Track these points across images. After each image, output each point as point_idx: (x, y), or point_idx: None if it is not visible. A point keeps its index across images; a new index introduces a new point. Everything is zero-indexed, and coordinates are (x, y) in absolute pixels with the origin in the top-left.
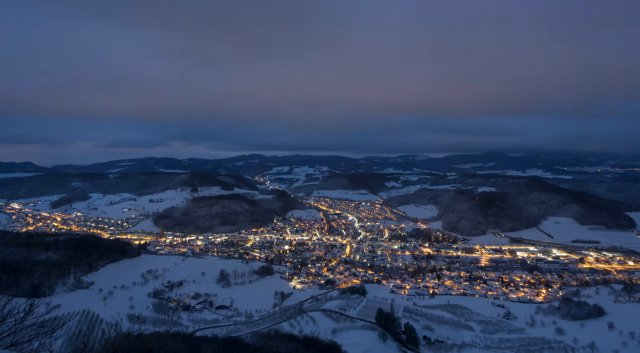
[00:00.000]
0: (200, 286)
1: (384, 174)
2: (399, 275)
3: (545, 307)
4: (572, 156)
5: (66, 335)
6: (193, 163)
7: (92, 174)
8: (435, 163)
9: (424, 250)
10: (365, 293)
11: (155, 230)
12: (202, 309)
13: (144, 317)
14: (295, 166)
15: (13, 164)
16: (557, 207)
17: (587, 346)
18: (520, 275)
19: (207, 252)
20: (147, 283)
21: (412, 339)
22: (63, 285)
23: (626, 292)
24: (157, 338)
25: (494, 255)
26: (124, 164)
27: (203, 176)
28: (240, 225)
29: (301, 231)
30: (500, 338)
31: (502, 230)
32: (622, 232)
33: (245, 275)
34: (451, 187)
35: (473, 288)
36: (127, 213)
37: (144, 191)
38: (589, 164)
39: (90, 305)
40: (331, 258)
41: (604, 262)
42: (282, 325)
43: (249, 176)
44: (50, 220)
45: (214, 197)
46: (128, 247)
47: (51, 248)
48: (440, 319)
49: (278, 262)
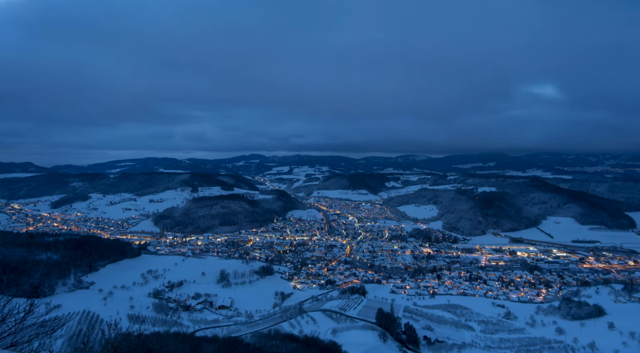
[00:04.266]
0: (200, 286)
1: (384, 173)
2: (399, 275)
3: (545, 307)
4: (572, 156)
5: (66, 335)
6: (193, 163)
7: (92, 174)
8: (435, 163)
9: (424, 250)
10: (365, 293)
11: (155, 230)
12: (203, 309)
13: (144, 317)
14: (295, 166)
15: (13, 164)
16: (557, 207)
17: (588, 346)
18: (521, 275)
19: (207, 252)
20: (148, 283)
21: (412, 339)
22: (63, 285)
23: (626, 291)
24: (158, 338)
25: (494, 255)
26: (124, 164)
27: (203, 176)
28: (240, 225)
29: (301, 231)
30: (500, 338)
31: (502, 230)
32: (623, 231)
33: (245, 275)
34: (451, 187)
35: (473, 288)
36: (127, 213)
37: (144, 191)
38: (589, 164)
39: (91, 305)
40: (331, 259)
41: (604, 262)
42: (282, 325)
43: (249, 176)
44: (50, 221)
45: (214, 197)
46: (128, 247)
47: (51, 249)
48: (441, 319)
49: (278, 262)
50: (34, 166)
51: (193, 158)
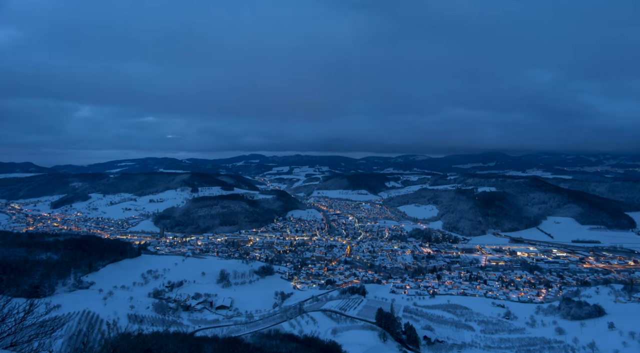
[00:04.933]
0: (200, 286)
1: (384, 173)
2: (399, 275)
3: (545, 307)
4: (572, 156)
5: (66, 335)
6: (193, 163)
7: (92, 174)
8: (435, 163)
9: (424, 250)
10: (365, 293)
11: (155, 230)
12: (203, 309)
13: (144, 317)
14: (295, 166)
15: (13, 164)
16: (557, 207)
17: (588, 346)
18: (521, 275)
19: (207, 252)
20: (148, 283)
21: (412, 339)
22: (63, 285)
23: (626, 291)
24: (157, 338)
25: (494, 255)
26: (124, 164)
27: (203, 176)
28: (240, 225)
29: (301, 231)
30: (500, 338)
31: (502, 230)
32: (623, 231)
33: (245, 275)
34: (451, 187)
35: (473, 288)
36: (127, 213)
37: (144, 191)
38: (589, 164)
39: (91, 305)
40: (331, 259)
41: (604, 262)
42: (282, 325)
43: (249, 176)
44: (50, 221)
45: (214, 197)
46: (128, 247)
47: (51, 249)
48: (441, 319)
49: (278, 262)
50: (34, 166)
51: (193, 158)
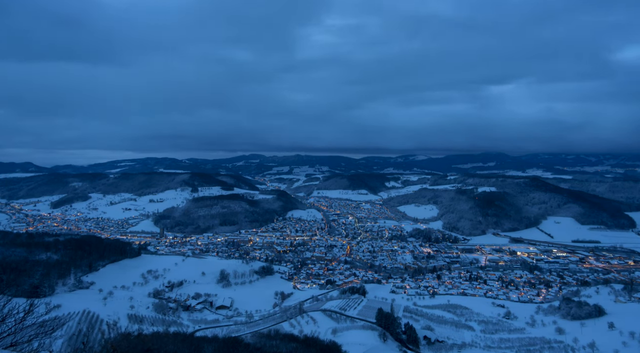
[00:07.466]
0: (200, 286)
1: (384, 173)
2: (399, 275)
3: (545, 306)
4: (572, 156)
5: (66, 335)
6: (193, 163)
7: (92, 174)
8: (435, 163)
9: (424, 250)
10: (365, 293)
11: (155, 230)
12: (203, 309)
13: (144, 317)
14: (295, 166)
15: (13, 164)
16: (557, 207)
17: (588, 346)
18: (521, 275)
19: (207, 252)
20: (148, 283)
21: (412, 339)
22: (63, 285)
23: (626, 291)
24: (157, 338)
25: (494, 255)
26: (124, 164)
27: (203, 176)
28: (240, 225)
29: (301, 231)
30: (500, 338)
31: (502, 230)
32: (623, 231)
33: (245, 275)
34: (451, 187)
35: (473, 288)
36: (127, 213)
37: (144, 191)
38: (589, 164)
39: (91, 305)
40: (331, 259)
41: (604, 262)
42: (282, 325)
43: (249, 176)
44: (50, 221)
45: (214, 197)
46: (128, 247)
47: (51, 249)
48: (441, 319)
49: (278, 262)
50: (34, 166)
51: (193, 158)
